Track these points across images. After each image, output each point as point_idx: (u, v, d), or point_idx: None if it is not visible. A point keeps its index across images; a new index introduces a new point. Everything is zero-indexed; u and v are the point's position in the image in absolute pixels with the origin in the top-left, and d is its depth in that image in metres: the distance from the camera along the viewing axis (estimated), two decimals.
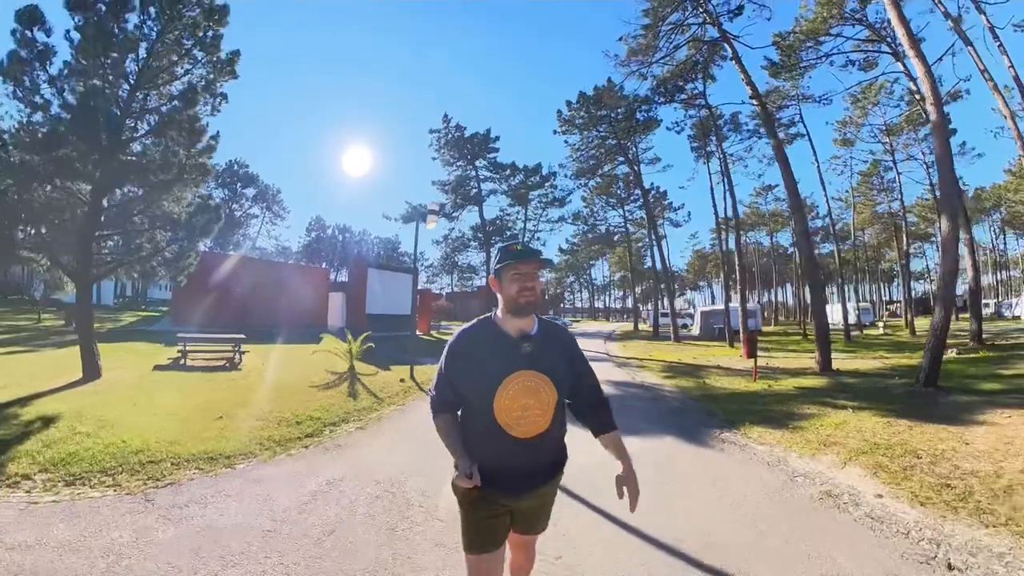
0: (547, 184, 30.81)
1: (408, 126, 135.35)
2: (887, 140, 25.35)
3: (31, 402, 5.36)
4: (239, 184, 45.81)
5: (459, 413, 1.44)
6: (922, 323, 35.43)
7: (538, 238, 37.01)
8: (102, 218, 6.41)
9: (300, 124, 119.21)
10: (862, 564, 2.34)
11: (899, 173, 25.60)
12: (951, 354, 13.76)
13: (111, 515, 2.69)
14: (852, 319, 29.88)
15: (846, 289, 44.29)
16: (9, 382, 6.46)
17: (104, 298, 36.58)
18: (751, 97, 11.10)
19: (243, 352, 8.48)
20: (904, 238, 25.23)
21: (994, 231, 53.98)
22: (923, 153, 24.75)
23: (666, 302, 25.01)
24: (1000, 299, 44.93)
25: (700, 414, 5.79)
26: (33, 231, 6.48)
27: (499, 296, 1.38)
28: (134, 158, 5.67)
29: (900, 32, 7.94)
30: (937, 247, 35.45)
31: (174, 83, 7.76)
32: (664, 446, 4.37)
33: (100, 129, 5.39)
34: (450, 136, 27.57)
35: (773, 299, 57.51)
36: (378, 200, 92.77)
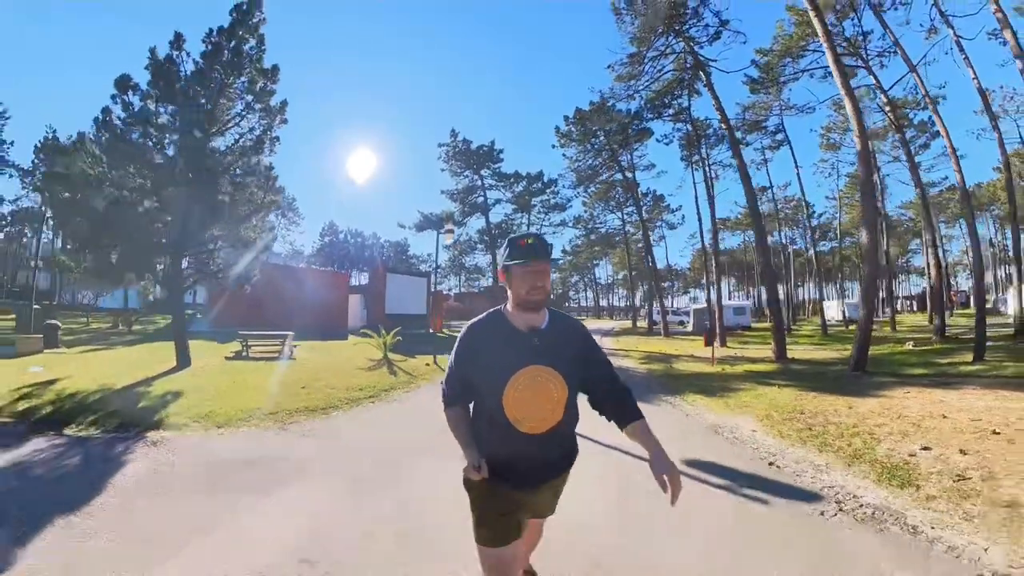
0: (548, 190, 32.67)
1: (416, 136, 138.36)
2: (869, 144, 26.67)
3: (152, 383, 7.15)
4: None
5: (471, 405, 1.46)
6: (913, 319, 36.54)
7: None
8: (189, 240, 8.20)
9: (314, 135, 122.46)
10: (705, 454, 3.99)
11: (879, 175, 26.84)
12: (908, 346, 15.26)
13: (265, 437, 4.43)
14: (840, 316, 31.38)
15: (844, 286, 45.21)
16: (121, 371, 8.25)
17: (131, 301, 38.92)
18: (721, 122, 12.70)
19: (294, 345, 10.29)
20: (885, 239, 26.52)
21: (996, 226, 54.61)
22: (908, 155, 26.03)
23: (664, 301, 26.63)
24: (999, 295, 45.67)
25: (655, 386, 7.51)
26: (133, 252, 8.29)
27: (508, 290, 1.38)
28: (225, 198, 7.41)
29: (835, 74, 9.50)
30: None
31: (233, 129, 9.57)
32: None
33: (200, 176, 7.17)
34: (457, 149, 29.57)
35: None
36: (388, 206, 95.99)
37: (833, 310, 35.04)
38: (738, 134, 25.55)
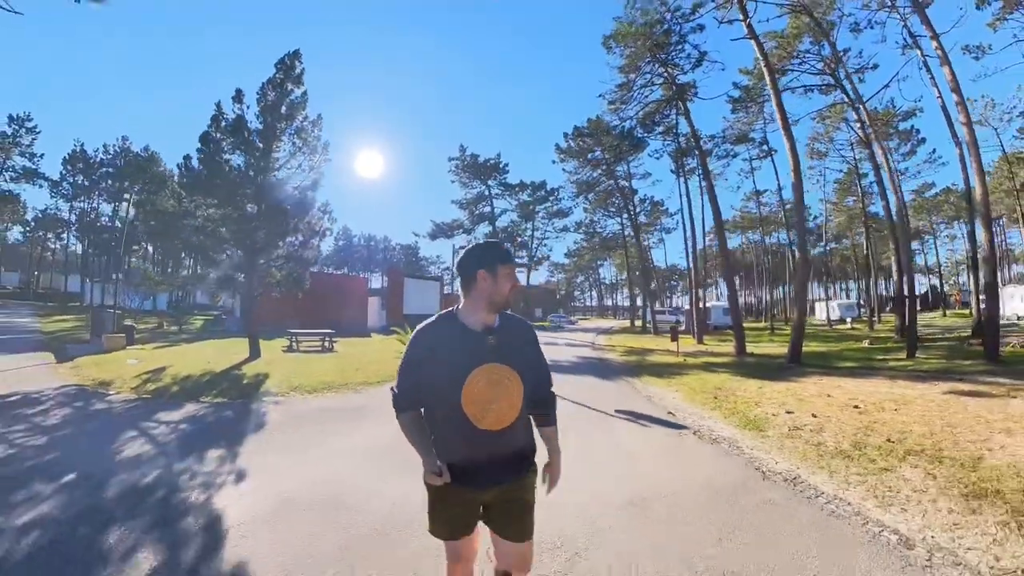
0: (551, 198, 34.91)
1: (425, 144, 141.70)
2: (851, 153, 28.49)
3: (240, 368, 9.45)
4: None
5: (423, 410, 1.48)
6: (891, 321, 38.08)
7: (545, 244, 41.01)
8: (262, 260, 10.55)
9: (332, 141, 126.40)
10: (633, 407, 6.14)
11: (860, 182, 28.54)
12: (865, 344, 17.12)
13: (346, 398, 6.67)
14: (835, 315, 33.23)
15: (833, 286, 46.44)
16: (209, 361, 10.57)
17: (159, 304, 41.66)
18: (695, 147, 14.73)
19: (334, 341, 12.61)
20: (867, 243, 28.27)
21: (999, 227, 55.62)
22: (875, 169, 27.80)
23: (661, 302, 28.61)
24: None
25: (622, 371, 9.68)
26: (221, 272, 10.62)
27: (479, 290, 1.42)
28: (290, 226, 9.73)
29: (778, 117, 11.51)
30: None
31: (284, 167, 11.86)
32: (588, 379, 8.35)
33: (270, 211, 9.49)
34: (466, 162, 31.97)
35: (769, 296, 59.88)
36: (399, 210, 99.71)
37: (826, 311, 36.87)
38: (727, 145, 27.53)
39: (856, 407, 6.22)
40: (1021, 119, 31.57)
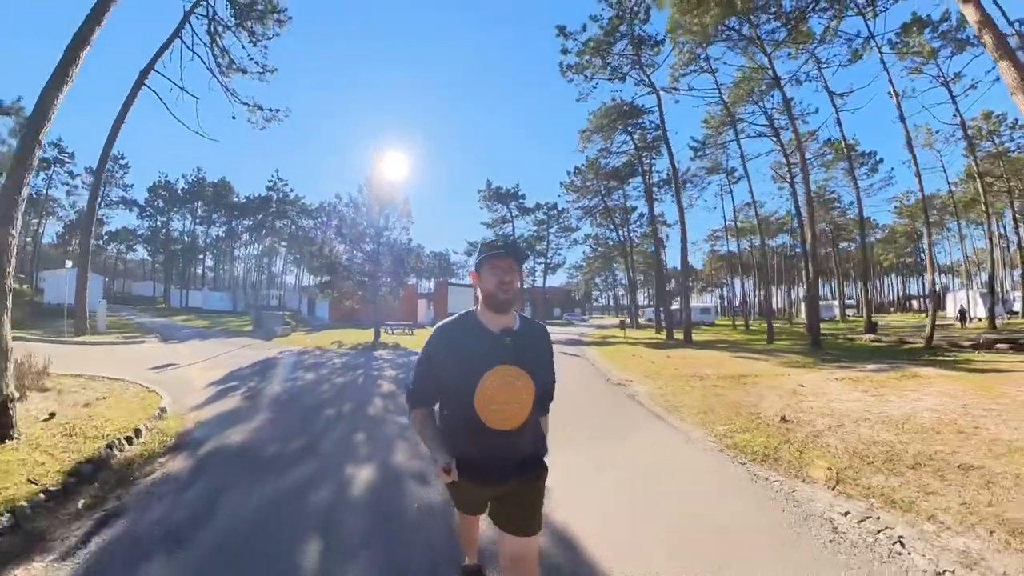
0: (562, 216, 42.94)
1: (451, 161, 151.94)
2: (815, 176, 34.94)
3: (378, 341, 17.90)
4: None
5: (436, 407, 1.56)
6: (888, 320, 43.60)
7: (559, 253, 48.89)
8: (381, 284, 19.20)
9: (364, 158, 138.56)
10: (571, 352, 14.15)
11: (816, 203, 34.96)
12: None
13: None
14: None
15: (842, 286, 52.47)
16: (351, 340, 19.12)
17: (237, 306, 51.51)
18: (648, 208, 22.25)
19: (414, 328, 21.04)
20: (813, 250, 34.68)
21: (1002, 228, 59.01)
22: (854, 180, 33.81)
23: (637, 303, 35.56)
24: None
25: (581, 343, 17.57)
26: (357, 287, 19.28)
27: (479, 291, 1.51)
28: (404, 269, 18.13)
29: (676, 202, 19.03)
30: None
31: (388, 228, 20.36)
32: (560, 348, 16.23)
33: (397, 259, 17.98)
34: (491, 192, 40.51)
35: (758, 297, 64.95)
36: (430, 218, 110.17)
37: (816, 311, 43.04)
38: (694, 182, 34.41)
39: (668, 357, 13.79)
40: (964, 140, 37.01)
